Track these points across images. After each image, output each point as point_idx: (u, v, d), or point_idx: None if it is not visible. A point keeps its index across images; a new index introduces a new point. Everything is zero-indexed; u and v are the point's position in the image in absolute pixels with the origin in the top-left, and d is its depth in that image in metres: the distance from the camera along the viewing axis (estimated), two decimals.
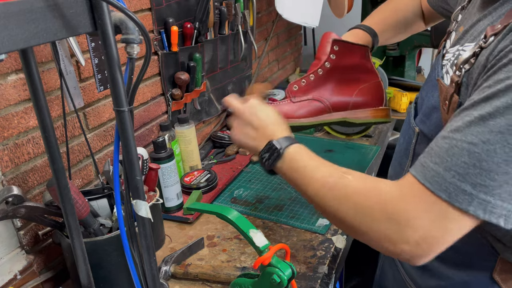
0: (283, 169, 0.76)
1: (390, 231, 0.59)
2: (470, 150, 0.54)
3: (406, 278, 0.85)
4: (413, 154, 0.78)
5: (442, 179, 0.56)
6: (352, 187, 0.65)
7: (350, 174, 0.67)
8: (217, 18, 1.45)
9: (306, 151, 0.75)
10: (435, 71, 0.75)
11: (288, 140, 0.76)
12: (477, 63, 0.61)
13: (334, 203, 0.66)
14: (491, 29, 0.60)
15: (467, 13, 0.76)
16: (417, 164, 0.60)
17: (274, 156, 0.76)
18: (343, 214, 0.65)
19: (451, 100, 0.65)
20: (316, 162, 0.72)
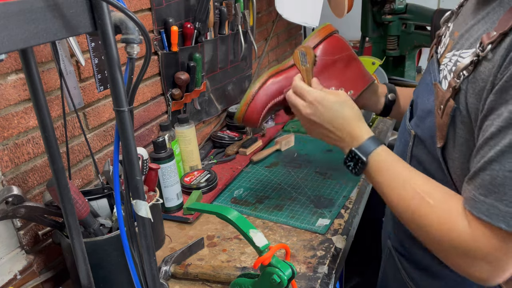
0: (368, 178, 0.78)
1: (465, 265, 0.63)
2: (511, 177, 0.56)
3: (407, 279, 0.85)
4: (411, 156, 0.78)
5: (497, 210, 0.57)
6: (431, 218, 0.66)
7: (430, 195, 0.67)
8: (217, 18, 1.45)
9: (390, 157, 0.75)
10: (431, 75, 0.75)
11: (370, 144, 0.77)
12: (480, 75, 0.60)
13: (414, 227, 0.69)
14: (487, 37, 0.60)
15: (461, 18, 0.76)
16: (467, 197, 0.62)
17: (358, 166, 0.77)
18: (420, 237, 0.69)
19: (447, 105, 0.65)
20: (399, 177, 0.72)
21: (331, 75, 0.99)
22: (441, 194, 0.67)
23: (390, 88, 1.04)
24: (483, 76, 0.60)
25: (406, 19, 1.80)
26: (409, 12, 1.79)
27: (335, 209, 1.14)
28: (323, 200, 1.19)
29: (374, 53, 1.96)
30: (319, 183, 1.28)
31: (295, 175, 1.34)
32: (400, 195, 0.70)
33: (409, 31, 1.79)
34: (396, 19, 1.81)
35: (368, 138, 0.77)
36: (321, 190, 1.24)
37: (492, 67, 0.58)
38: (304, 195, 1.22)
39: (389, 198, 0.73)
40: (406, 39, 1.83)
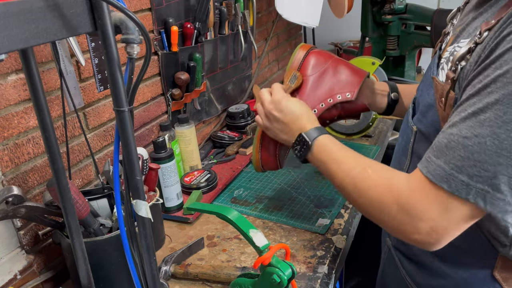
0: (313, 161, 0.84)
1: (403, 223, 0.65)
2: (464, 143, 0.58)
3: (407, 277, 0.85)
4: (412, 152, 0.79)
5: (443, 171, 0.60)
6: (370, 181, 0.71)
7: (371, 167, 0.73)
8: (217, 18, 1.45)
9: (333, 141, 0.82)
10: (431, 70, 0.76)
11: (316, 132, 0.84)
12: (471, 59, 0.62)
13: (354, 195, 0.74)
14: (486, 25, 0.61)
15: (464, 14, 0.77)
16: (423, 159, 0.65)
17: (304, 148, 0.84)
18: (362, 206, 0.73)
19: (448, 97, 0.66)
20: (342, 153, 0.79)
21: (326, 85, 1.00)
22: (380, 166, 0.74)
23: (392, 86, 1.04)
24: (472, 60, 0.62)
25: (406, 19, 1.80)
26: (409, 12, 1.79)
27: (335, 209, 1.14)
28: (323, 200, 1.19)
29: (374, 53, 1.96)
30: (319, 183, 1.28)
31: (295, 175, 1.34)
32: (341, 168, 0.76)
33: (409, 31, 1.79)
34: (396, 19, 1.81)
35: (314, 127, 0.85)
36: (321, 190, 1.24)
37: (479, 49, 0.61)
38: (304, 195, 1.22)
39: (332, 174, 0.78)
40: (406, 39, 1.82)
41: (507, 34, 0.56)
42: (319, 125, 0.87)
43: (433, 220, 0.62)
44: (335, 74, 1.01)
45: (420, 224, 0.63)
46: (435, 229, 0.62)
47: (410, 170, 0.80)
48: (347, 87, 1.00)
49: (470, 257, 0.73)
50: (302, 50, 1.03)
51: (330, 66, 1.02)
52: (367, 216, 0.73)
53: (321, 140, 0.82)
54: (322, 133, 0.83)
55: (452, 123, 0.61)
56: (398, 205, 0.65)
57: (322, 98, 0.99)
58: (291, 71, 1.00)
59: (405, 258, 0.86)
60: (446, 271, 0.76)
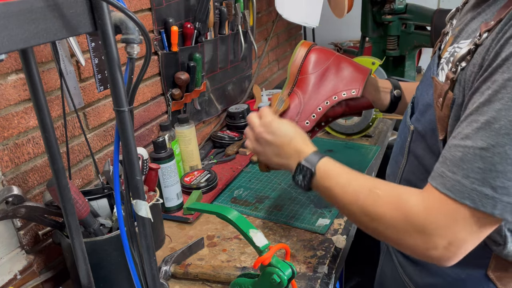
0: (317, 187, 0.79)
1: (419, 242, 0.62)
2: (482, 155, 0.56)
3: (404, 276, 0.85)
4: (408, 152, 0.79)
5: (462, 186, 0.58)
6: (380, 204, 0.67)
7: (378, 188, 0.69)
8: (217, 18, 1.45)
9: (335, 165, 0.78)
10: (431, 70, 0.76)
11: (316, 156, 0.79)
12: (473, 61, 0.61)
13: (365, 219, 0.69)
14: (485, 26, 0.61)
15: (462, 14, 0.77)
16: (435, 175, 0.62)
17: (307, 177, 0.79)
18: (374, 228, 0.69)
19: (446, 97, 0.66)
20: (346, 177, 0.75)
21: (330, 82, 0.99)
22: (387, 185, 0.70)
23: (394, 84, 1.04)
24: (474, 61, 0.61)
25: (406, 19, 1.80)
26: (409, 12, 1.79)
27: (335, 209, 1.14)
28: (323, 200, 1.19)
29: (374, 53, 1.96)
30: None
31: None
32: (348, 192, 0.72)
33: (409, 31, 1.79)
34: (396, 19, 1.81)
35: (312, 152, 0.80)
36: None
37: (482, 51, 0.59)
38: (304, 195, 1.22)
39: (338, 199, 0.74)
40: (406, 39, 1.82)
41: (511, 36, 0.55)
42: (314, 147, 0.83)
43: (451, 235, 0.60)
44: (338, 72, 1.00)
45: (437, 240, 0.61)
46: (453, 243, 0.60)
47: (407, 169, 0.81)
48: (352, 84, 0.98)
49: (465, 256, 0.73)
50: (303, 47, 1.02)
51: (332, 63, 1.01)
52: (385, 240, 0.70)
53: (322, 165, 0.78)
54: (322, 157, 0.79)
55: (464, 134, 0.58)
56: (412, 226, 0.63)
57: (326, 95, 0.98)
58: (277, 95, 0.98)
59: (403, 257, 0.86)
60: (442, 270, 0.76)
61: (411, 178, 0.79)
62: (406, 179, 0.81)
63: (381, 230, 0.68)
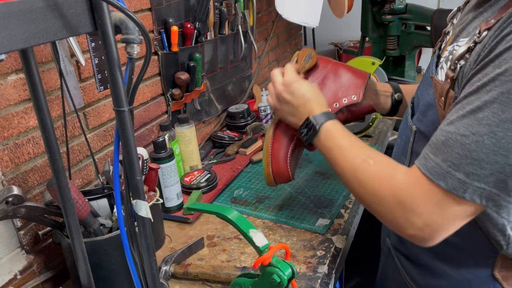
0: (319, 145, 0.84)
1: (398, 216, 0.66)
2: (462, 141, 0.59)
3: (407, 278, 0.85)
4: (411, 152, 0.79)
5: (440, 169, 0.61)
6: (371, 172, 0.72)
7: (373, 158, 0.74)
8: (217, 18, 1.45)
9: (340, 128, 0.82)
10: (430, 70, 0.76)
11: (324, 116, 0.84)
12: (470, 59, 0.62)
13: (355, 184, 0.74)
14: (485, 24, 0.61)
15: (464, 13, 0.77)
16: (421, 155, 0.65)
17: (311, 132, 0.84)
18: (361, 196, 0.74)
19: (447, 96, 0.66)
20: (347, 141, 0.79)
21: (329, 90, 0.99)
22: (381, 157, 0.74)
23: (395, 87, 1.04)
24: (471, 59, 0.62)
25: (406, 19, 1.80)
26: (409, 12, 1.79)
27: (335, 209, 1.14)
28: (323, 200, 1.19)
29: (374, 53, 1.96)
30: (319, 183, 1.27)
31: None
32: (345, 156, 0.77)
33: (409, 31, 1.79)
34: (396, 19, 1.81)
35: (323, 112, 0.85)
36: (321, 190, 1.24)
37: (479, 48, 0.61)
38: (304, 195, 1.22)
39: (335, 161, 0.79)
40: (406, 39, 1.82)
41: (507, 34, 0.56)
42: (329, 109, 0.87)
43: (428, 215, 0.62)
44: (336, 78, 1.00)
45: (414, 219, 0.64)
46: (429, 224, 0.63)
47: None
48: (352, 90, 0.98)
49: (471, 257, 0.73)
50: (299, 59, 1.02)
51: (330, 71, 1.01)
52: (366, 207, 0.74)
53: (328, 126, 0.82)
54: (330, 118, 0.83)
55: (450, 120, 0.61)
56: (394, 198, 0.66)
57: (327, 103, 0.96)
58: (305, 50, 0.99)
59: (404, 258, 0.86)
60: (446, 271, 0.76)
61: None
62: None
63: (367, 198, 0.72)
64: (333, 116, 0.85)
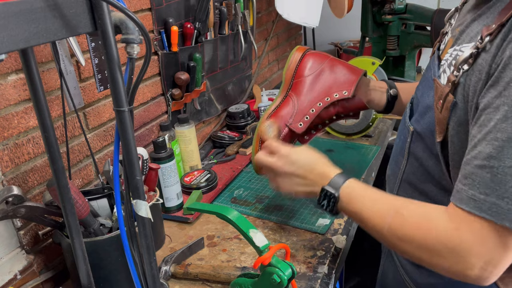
0: (343, 210, 0.78)
1: (454, 263, 0.61)
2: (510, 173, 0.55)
3: (405, 277, 0.85)
4: (408, 153, 0.79)
5: (499, 208, 0.56)
6: (408, 225, 0.66)
7: (404, 209, 0.68)
8: (217, 18, 1.45)
9: (359, 187, 0.77)
10: (431, 71, 0.76)
11: (339, 179, 0.78)
12: (477, 67, 0.61)
13: (395, 242, 0.68)
14: (486, 29, 0.61)
15: (462, 14, 0.76)
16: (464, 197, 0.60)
17: (332, 202, 0.78)
18: (406, 250, 0.67)
19: (446, 99, 0.66)
20: (370, 199, 0.74)
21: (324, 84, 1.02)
22: (413, 205, 0.69)
23: (390, 84, 1.05)
24: (480, 67, 0.61)
25: (406, 19, 1.80)
26: (409, 12, 1.79)
27: None
28: None
29: (374, 53, 1.96)
30: None
31: None
32: (374, 215, 0.71)
33: (409, 31, 1.80)
34: (396, 19, 1.82)
35: (336, 175, 0.79)
36: None
37: (488, 58, 0.59)
38: None
39: (366, 222, 0.73)
40: (406, 39, 1.82)
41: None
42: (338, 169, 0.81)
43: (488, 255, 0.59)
44: (331, 73, 1.02)
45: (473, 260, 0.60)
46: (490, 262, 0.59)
47: (407, 170, 0.80)
48: (344, 85, 1.01)
49: None
50: (298, 52, 1.05)
51: (326, 65, 1.03)
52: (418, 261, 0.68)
53: (347, 188, 0.77)
54: (345, 179, 0.78)
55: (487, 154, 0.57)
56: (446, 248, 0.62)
57: (319, 97, 1.00)
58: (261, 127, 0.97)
59: (404, 258, 0.86)
60: None
61: (412, 179, 0.79)
62: (406, 180, 0.81)
63: (412, 252, 0.66)
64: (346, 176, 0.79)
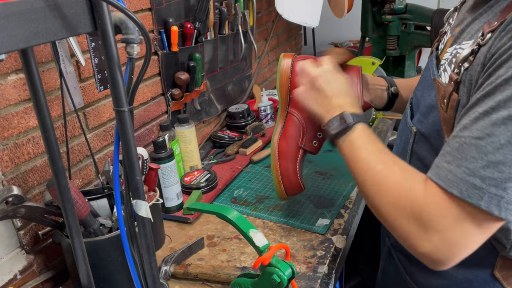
0: (344, 143, 0.77)
1: (414, 229, 0.61)
2: (477, 144, 0.55)
3: (407, 277, 0.85)
4: (411, 153, 0.79)
5: (453, 176, 0.57)
6: (392, 180, 0.66)
7: (398, 165, 0.68)
8: (217, 18, 1.45)
9: (370, 133, 0.76)
10: (430, 71, 0.76)
11: (358, 117, 0.78)
12: (476, 61, 0.61)
13: (373, 191, 0.68)
14: (488, 26, 0.61)
15: (461, 14, 0.76)
16: (433, 165, 0.62)
17: (342, 128, 0.77)
18: (377, 203, 0.67)
19: (450, 98, 0.66)
20: (376, 146, 0.73)
21: None
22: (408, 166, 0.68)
23: (390, 81, 1.04)
24: (478, 61, 0.61)
25: (406, 19, 1.80)
26: (409, 12, 1.79)
27: (335, 209, 1.14)
28: (323, 200, 1.19)
29: (374, 53, 1.96)
30: (319, 183, 1.27)
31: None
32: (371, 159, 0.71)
33: (409, 31, 1.80)
34: (396, 19, 1.82)
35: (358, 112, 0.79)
36: (321, 190, 1.24)
37: (484, 50, 0.60)
38: (304, 195, 1.22)
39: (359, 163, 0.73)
40: (406, 39, 1.83)
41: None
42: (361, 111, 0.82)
43: (444, 229, 0.58)
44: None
45: (430, 233, 0.59)
46: (445, 240, 0.58)
47: None
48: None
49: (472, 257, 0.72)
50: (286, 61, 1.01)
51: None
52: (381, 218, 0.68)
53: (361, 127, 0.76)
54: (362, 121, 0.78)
55: (462, 126, 0.58)
56: (412, 211, 0.61)
57: None
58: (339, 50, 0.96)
59: (405, 258, 0.86)
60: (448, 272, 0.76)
61: None
62: None
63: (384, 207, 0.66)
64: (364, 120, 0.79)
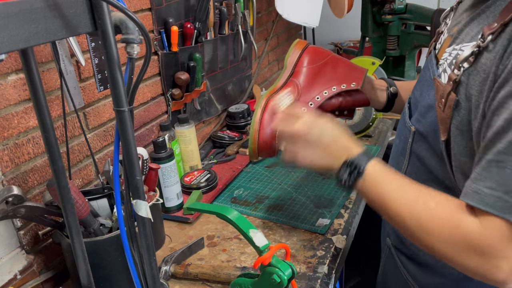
0: (363, 188, 0.73)
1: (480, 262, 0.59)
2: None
3: (408, 277, 0.85)
4: (410, 153, 0.79)
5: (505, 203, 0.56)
6: (437, 219, 0.63)
7: (433, 201, 0.65)
8: (217, 18, 1.45)
9: (385, 168, 0.72)
10: (429, 71, 0.76)
11: (366, 156, 0.73)
12: (482, 67, 0.61)
13: (421, 234, 0.65)
14: (488, 28, 0.60)
15: (458, 13, 0.76)
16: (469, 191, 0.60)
17: (353, 176, 0.73)
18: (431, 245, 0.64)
19: (448, 98, 0.66)
20: (397, 184, 0.70)
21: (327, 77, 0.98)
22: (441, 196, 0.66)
23: (389, 82, 1.05)
24: (484, 67, 0.60)
25: (406, 19, 1.80)
26: (409, 12, 1.79)
27: (335, 209, 1.14)
28: (323, 200, 1.19)
29: (374, 53, 1.96)
30: (319, 183, 1.28)
31: (295, 175, 1.34)
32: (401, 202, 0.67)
33: (409, 31, 1.80)
34: (396, 19, 1.82)
35: (362, 151, 0.75)
36: (321, 190, 1.24)
37: (493, 58, 0.59)
38: (304, 195, 1.22)
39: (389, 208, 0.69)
40: (406, 39, 1.83)
41: None
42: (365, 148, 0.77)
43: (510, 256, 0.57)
44: (335, 68, 0.99)
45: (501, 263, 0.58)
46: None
47: (409, 170, 0.80)
48: (350, 78, 0.97)
49: None
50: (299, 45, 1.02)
51: (329, 60, 1.00)
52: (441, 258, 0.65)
53: (373, 165, 0.72)
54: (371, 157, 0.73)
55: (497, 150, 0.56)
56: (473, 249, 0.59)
57: (325, 86, 0.96)
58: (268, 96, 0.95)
59: (405, 257, 0.86)
60: (447, 269, 0.76)
61: (414, 178, 0.79)
62: None
63: (437, 247, 0.63)
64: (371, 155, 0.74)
